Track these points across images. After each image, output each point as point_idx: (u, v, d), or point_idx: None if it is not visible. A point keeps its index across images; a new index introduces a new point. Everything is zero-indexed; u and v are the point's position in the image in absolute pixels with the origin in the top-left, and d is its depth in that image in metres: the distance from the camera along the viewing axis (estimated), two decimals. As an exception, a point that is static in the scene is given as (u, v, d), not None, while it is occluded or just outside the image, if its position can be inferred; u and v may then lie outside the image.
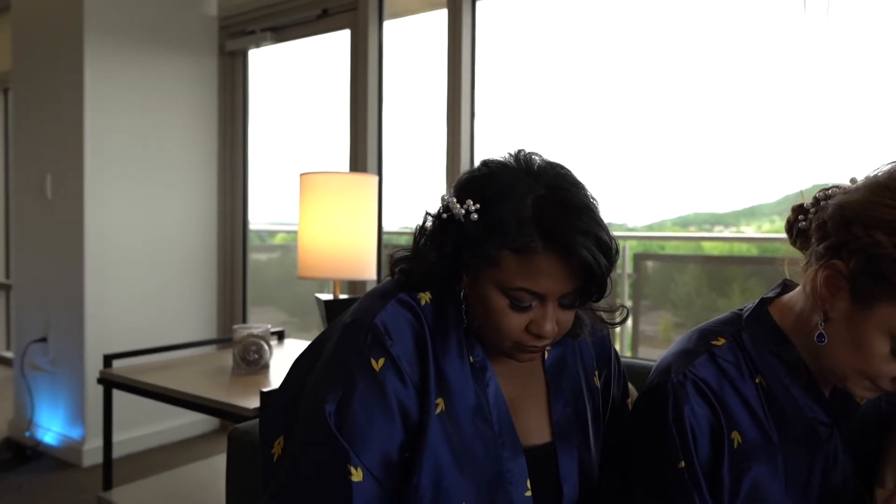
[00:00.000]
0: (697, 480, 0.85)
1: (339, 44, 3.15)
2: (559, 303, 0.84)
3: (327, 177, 1.97)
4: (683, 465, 0.85)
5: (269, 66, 3.52)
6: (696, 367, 0.88)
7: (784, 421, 0.88)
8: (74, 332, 2.95)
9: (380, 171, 2.97)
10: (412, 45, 3.07)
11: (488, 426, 0.89)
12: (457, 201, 0.85)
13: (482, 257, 0.83)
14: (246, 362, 1.86)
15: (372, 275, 2.09)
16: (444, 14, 2.71)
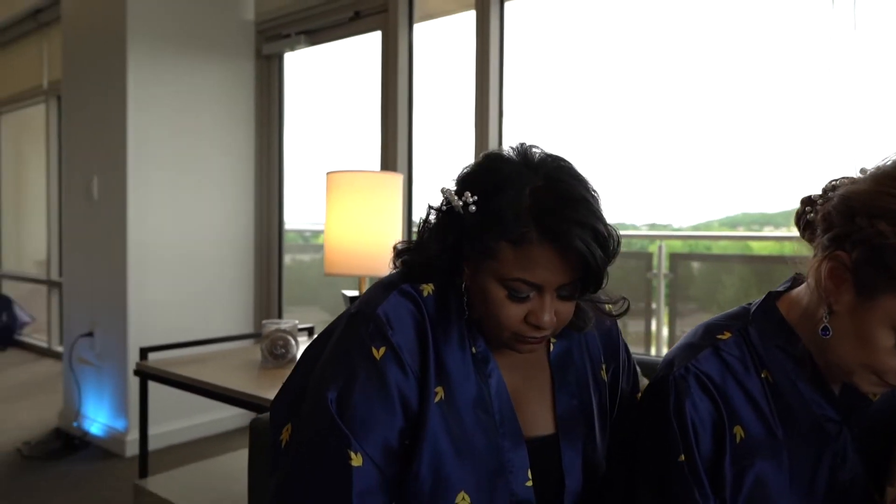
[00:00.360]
0: (697, 474, 0.84)
1: (370, 46, 3.20)
2: (558, 294, 0.84)
3: (353, 175, 2.01)
4: (683, 458, 0.85)
5: (302, 68, 3.60)
6: (699, 360, 0.88)
7: (790, 417, 0.87)
8: (118, 328, 3.08)
9: (409, 169, 3.00)
10: (442, 46, 3.10)
11: (489, 416, 0.90)
12: (456, 194, 0.87)
13: (481, 249, 0.84)
14: (273, 356, 1.91)
15: (397, 271, 2.11)
16: (473, 15, 2.73)
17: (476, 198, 0.85)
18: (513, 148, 0.90)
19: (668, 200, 2.80)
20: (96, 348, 3.23)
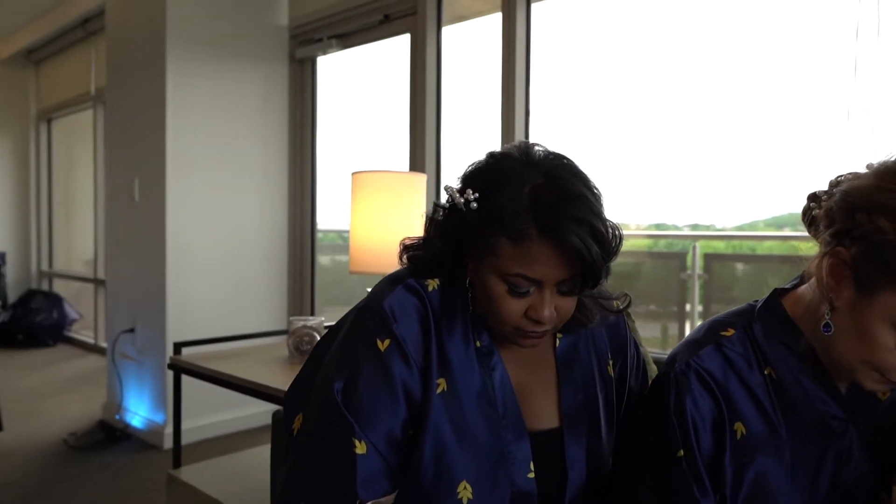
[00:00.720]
0: (697, 471, 0.85)
1: (399, 48, 3.24)
2: (557, 289, 0.86)
3: (377, 175, 2.05)
4: (683, 454, 0.85)
5: (334, 71, 3.67)
6: (700, 357, 0.88)
7: (794, 414, 0.86)
8: (157, 324, 3.19)
9: (437, 170, 3.03)
10: (474, 47, 3.11)
11: (493, 409, 0.92)
12: (459, 191, 0.89)
13: (481, 245, 0.86)
14: (299, 352, 1.97)
15: (420, 270, 2.14)
16: (500, 17, 2.74)
17: (477, 195, 0.87)
18: (516, 146, 0.91)
19: (712, 201, 2.74)
20: (137, 344, 3.35)
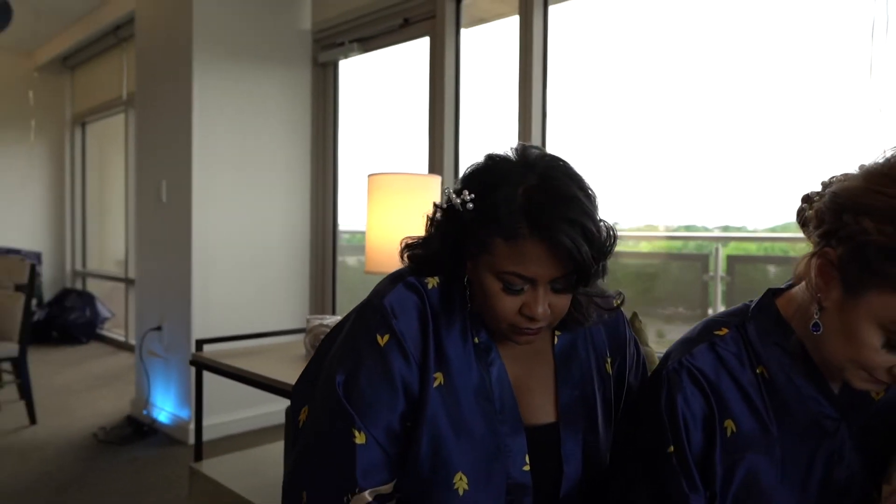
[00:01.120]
0: (686, 466, 0.86)
1: (419, 51, 3.28)
2: (551, 287, 0.88)
3: (392, 177, 2.08)
4: (672, 450, 0.87)
5: (355, 74, 3.72)
6: (693, 356, 0.89)
7: (786, 413, 0.87)
8: (183, 322, 3.27)
9: (455, 171, 3.06)
10: (494, 49, 3.13)
11: (489, 403, 0.94)
12: (456, 192, 0.92)
13: (477, 244, 0.89)
14: (316, 350, 2.01)
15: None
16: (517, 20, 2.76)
17: (473, 196, 0.90)
18: (513, 148, 0.94)
19: (744, 202, 2.69)
20: (164, 341, 3.44)
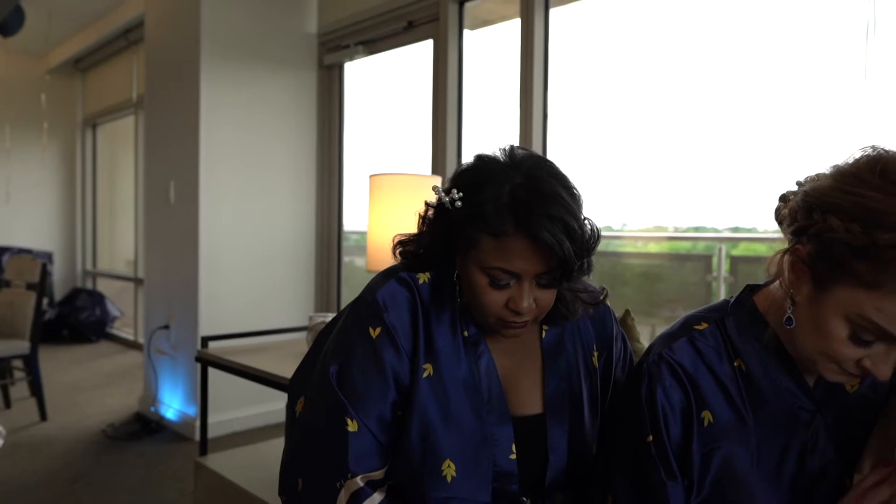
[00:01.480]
0: (664, 455, 0.89)
1: (423, 53, 3.32)
2: (537, 282, 0.92)
3: (393, 178, 2.12)
4: (651, 439, 0.90)
5: (360, 76, 3.76)
6: (672, 349, 0.93)
7: (762, 404, 0.90)
8: (190, 321, 3.33)
9: (458, 172, 3.09)
10: (495, 51, 3.17)
11: (478, 394, 0.98)
12: (446, 191, 0.96)
13: (465, 240, 0.93)
14: (318, 346, 2.06)
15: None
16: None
17: (462, 194, 0.93)
18: (501, 149, 0.98)
19: (754, 203, 2.69)
20: (171, 340, 3.50)
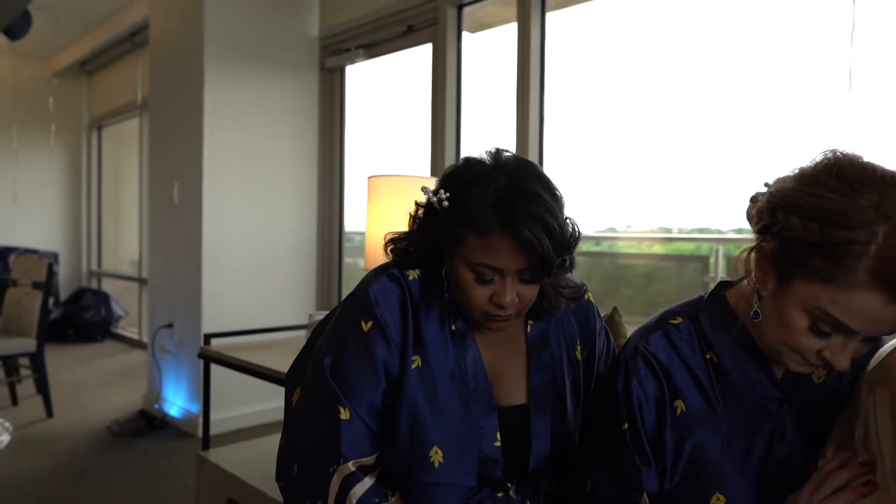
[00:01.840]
0: (639, 442, 0.94)
1: (422, 57, 3.37)
2: (519, 278, 0.97)
3: (391, 179, 2.17)
4: (627, 427, 0.95)
5: (360, 79, 3.82)
6: (648, 342, 0.98)
7: (733, 394, 0.95)
8: (193, 320, 3.39)
9: (457, 174, 3.14)
10: (497, 54, 3.21)
11: (464, 385, 1.03)
12: (434, 192, 1.01)
13: (452, 238, 0.98)
14: (318, 343, 2.11)
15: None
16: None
17: (449, 194, 0.98)
18: (488, 152, 1.03)
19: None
20: (175, 338, 3.56)
